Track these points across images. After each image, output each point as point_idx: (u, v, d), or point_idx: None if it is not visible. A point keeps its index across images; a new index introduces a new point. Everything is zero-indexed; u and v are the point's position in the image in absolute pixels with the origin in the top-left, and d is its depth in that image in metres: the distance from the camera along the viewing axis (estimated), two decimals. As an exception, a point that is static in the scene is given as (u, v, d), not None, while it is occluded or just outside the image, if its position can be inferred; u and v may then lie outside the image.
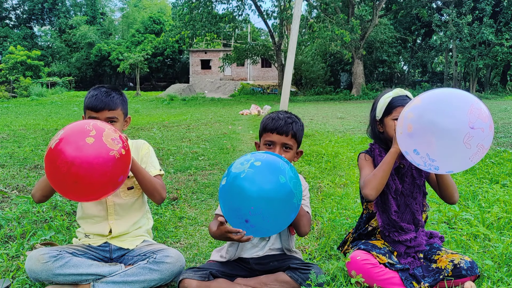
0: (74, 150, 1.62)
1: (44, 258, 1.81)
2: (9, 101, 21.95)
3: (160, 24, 44.30)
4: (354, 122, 10.58)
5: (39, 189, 1.92)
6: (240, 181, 1.56)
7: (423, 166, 1.70)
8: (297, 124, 1.91)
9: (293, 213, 1.63)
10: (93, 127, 1.69)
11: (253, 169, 1.57)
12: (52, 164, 1.64)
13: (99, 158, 1.63)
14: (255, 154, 1.65)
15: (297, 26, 7.24)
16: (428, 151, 1.63)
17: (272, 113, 1.97)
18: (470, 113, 1.57)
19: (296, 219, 1.80)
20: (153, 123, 10.43)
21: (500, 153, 5.25)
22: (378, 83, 30.29)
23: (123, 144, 1.73)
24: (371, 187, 1.87)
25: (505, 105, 14.28)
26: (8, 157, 5.37)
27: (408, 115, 1.68)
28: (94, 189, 1.67)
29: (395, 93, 2.02)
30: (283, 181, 1.57)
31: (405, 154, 1.75)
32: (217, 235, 1.75)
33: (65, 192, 1.69)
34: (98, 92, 1.98)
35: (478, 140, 1.57)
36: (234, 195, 1.58)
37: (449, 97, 1.64)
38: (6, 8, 45.88)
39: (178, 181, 4.23)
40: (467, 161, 1.62)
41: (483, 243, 2.43)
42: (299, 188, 1.63)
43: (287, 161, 1.68)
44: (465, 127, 1.55)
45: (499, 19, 24.44)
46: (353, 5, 25.76)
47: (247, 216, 1.56)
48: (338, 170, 4.72)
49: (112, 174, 1.67)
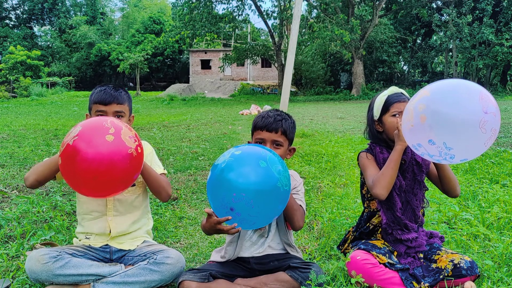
0: (95, 147, 1.63)
1: (44, 258, 1.80)
2: (9, 101, 21.95)
3: (160, 24, 44.31)
4: (354, 122, 10.58)
5: (34, 173, 1.91)
6: (221, 171, 1.60)
7: (437, 156, 1.68)
8: (287, 121, 1.92)
9: (279, 199, 1.62)
10: (111, 124, 1.72)
11: (233, 158, 1.61)
12: (70, 160, 1.65)
13: (119, 156, 1.66)
14: (239, 146, 1.69)
15: (297, 26, 7.24)
16: (445, 140, 1.61)
17: (262, 112, 1.99)
18: (482, 99, 1.58)
19: (289, 213, 1.83)
20: (153, 123, 10.44)
21: (500, 153, 5.25)
22: (378, 83, 30.28)
23: (138, 142, 1.77)
24: (381, 186, 1.86)
25: (505, 105, 14.28)
26: (8, 157, 5.37)
27: (419, 107, 1.66)
28: (111, 185, 1.71)
29: (390, 91, 2.04)
30: (263, 166, 1.59)
31: (416, 147, 1.72)
32: (208, 228, 1.77)
33: (79, 186, 1.72)
34: (106, 87, 2.03)
35: (492, 125, 1.58)
36: (217, 185, 1.62)
37: (457, 86, 1.65)
38: (6, 8, 45.87)
39: (178, 181, 4.23)
40: (482, 147, 1.63)
41: (483, 243, 2.43)
42: (284, 174, 1.63)
43: (271, 151, 1.70)
44: (480, 112, 1.57)
45: (499, 19, 24.43)
46: (353, 5, 25.76)
47: (231, 203, 1.57)
48: (338, 170, 4.72)
49: (130, 171, 1.71)
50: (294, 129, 1.98)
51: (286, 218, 1.89)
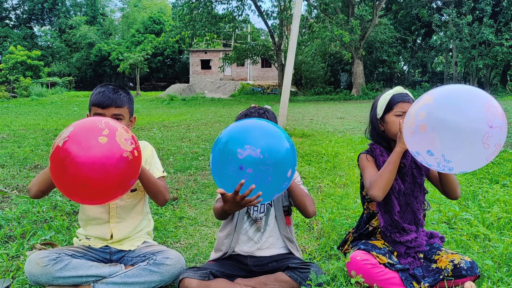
0: (85, 150, 1.49)
1: (43, 261, 1.79)
2: (9, 101, 21.94)
3: (160, 24, 44.32)
4: (354, 122, 10.58)
5: (36, 183, 1.86)
6: (218, 141, 1.57)
7: (435, 167, 1.61)
8: (269, 113, 1.97)
9: (286, 149, 1.54)
10: (105, 125, 1.58)
11: (227, 128, 1.61)
12: (59, 164, 1.51)
13: (112, 159, 1.51)
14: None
15: (297, 26, 7.24)
16: (444, 152, 1.53)
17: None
18: (488, 111, 1.47)
19: (299, 199, 1.85)
20: (153, 123, 10.43)
21: (500, 153, 5.25)
22: (378, 83, 30.27)
23: (136, 145, 1.63)
24: (378, 188, 1.86)
25: (505, 105, 14.27)
26: (8, 157, 5.37)
27: (420, 115, 1.59)
28: (104, 192, 1.56)
29: (396, 91, 2.04)
30: (258, 121, 1.62)
31: (415, 154, 1.68)
32: (228, 208, 1.64)
33: (71, 194, 1.57)
34: (106, 89, 1.94)
35: (496, 140, 1.48)
36: (219, 155, 1.54)
37: (463, 94, 1.54)
38: (6, 8, 45.88)
39: (178, 181, 4.23)
40: (483, 161, 1.54)
41: (483, 243, 2.43)
42: (281, 129, 1.62)
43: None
44: (484, 127, 1.46)
45: (499, 19, 24.42)
46: (353, 5, 25.74)
47: (238, 161, 1.46)
48: (338, 170, 4.72)
49: (125, 177, 1.57)
50: (275, 120, 1.98)
51: (298, 206, 1.88)
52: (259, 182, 1.50)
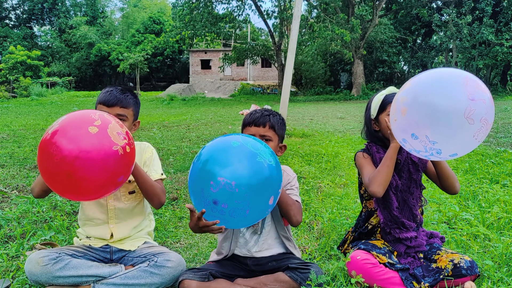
0: (72, 138, 1.43)
1: (43, 260, 1.79)
2: (9, 101, 21.94)
3: (160, 24, 44.30)
4: (354, 122, 10.58)
5: (38, 183, 1.87)
6: (195, 164, 1.51)
7: (423, 152, 1.56)
8: (275, 117, 1.93)
9: (264, 176, 1.43)
10: (99, 116, 1.54)
11: (204, 148, 1.54)
12: (44, 151, 1.45)
13: (100, 151, 1.45)
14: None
15: (297, 26, 7.23)
16: (427, 133, 1.47)
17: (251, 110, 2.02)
18: (467, 85, 1.42)
19: (284, 208, 1.80)
20: (153, 123, 10.43)
21: (500, 153, 5.25)
22: (378, 83, 30.27)
23: (129, 141, 1.59)
24: (377, 183, 1.86)
25: (505, 105, 14.26)
26: (8, 157, 5.37)
27: (401, 99, 1.57)
28: (90, 186, 1.49)
29: (389, 91, 2.05)
30: (236, 145, 1.45)
31: (403, 143, 1.65)
32: (192, 227, 1.68)
33: (55, 186, 1.51)
34: (114, 89, 1.97)
35: (481, 114, 1.40)
36: (193, 180, 1.49)
37: (440, 74, 1.52)
38: (6, 8, 45.85)
39: (178, 181, 4.23)
40: (471, 140, 1.46)
41: (483, 243, 2.43)
42: (263, 149, 1.50)
43: (246, 135, 1.62)
44: (465, 100, 1.40)
45: (499, 19, 24.42)
46: (353, 5, 25.75)
47: (212, 195, 1.38)
48: (338, 170, 4.73)
49: (113, 172, 1.51)
50: (284, 125, 1.98)
51: (283, 214, 1.87)
52: (236, 216, 1.42)
